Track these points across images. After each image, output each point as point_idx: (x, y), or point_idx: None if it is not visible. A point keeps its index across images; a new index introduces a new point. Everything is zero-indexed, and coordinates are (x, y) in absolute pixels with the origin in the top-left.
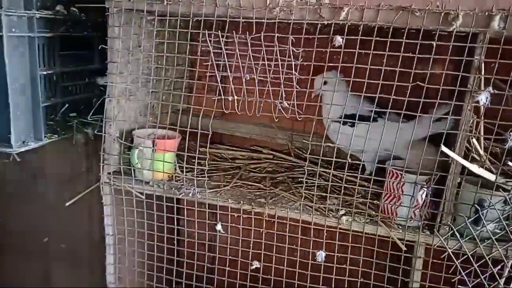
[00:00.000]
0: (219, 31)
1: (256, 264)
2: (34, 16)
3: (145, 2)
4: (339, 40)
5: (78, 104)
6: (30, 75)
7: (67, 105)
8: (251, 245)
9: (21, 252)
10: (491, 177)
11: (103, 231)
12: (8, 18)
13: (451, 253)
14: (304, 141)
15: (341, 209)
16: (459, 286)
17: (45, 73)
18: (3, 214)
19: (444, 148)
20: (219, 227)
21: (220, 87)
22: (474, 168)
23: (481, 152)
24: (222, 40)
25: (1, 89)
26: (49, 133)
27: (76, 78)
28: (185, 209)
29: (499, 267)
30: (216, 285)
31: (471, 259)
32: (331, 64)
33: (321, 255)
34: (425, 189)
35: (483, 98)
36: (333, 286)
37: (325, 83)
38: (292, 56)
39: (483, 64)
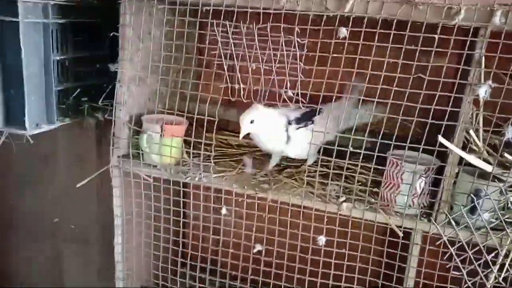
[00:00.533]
0: (227, 21)
1: (258, 247)
2: (49, 2)
3: None
4: (343, 31)
5: (89, 89)
6: (44, 60)
7: (79, 89)
8: (254, 228)
9: (33, 232)
10: (487, 168)
11: (112, 213)
12: (24, 5)
13: (446, 241)
14: None
15: (342, 196)
16: (453, 272)
17: (58, 58)
18: (16, 194)
19: (441, 139)
20: (224, 210)
21: (227, 75)
22: (471, 158)
23: (479, 143)
24: (230, 30)
25: (16, 73)
26: (61, 116)
27: (87, 63)
28: (191, 193)
29: (493, 254)
30: (220, 266)
31: (466, 246)
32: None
33: (321, 240)
34: (424, 178)
35: (483, 91)
36: (332, 270)
37: (252, 122)
38: (297, 47)
39: (483, 58)
